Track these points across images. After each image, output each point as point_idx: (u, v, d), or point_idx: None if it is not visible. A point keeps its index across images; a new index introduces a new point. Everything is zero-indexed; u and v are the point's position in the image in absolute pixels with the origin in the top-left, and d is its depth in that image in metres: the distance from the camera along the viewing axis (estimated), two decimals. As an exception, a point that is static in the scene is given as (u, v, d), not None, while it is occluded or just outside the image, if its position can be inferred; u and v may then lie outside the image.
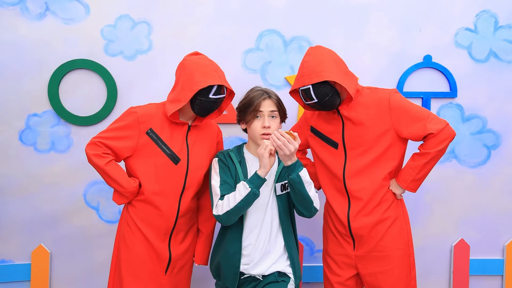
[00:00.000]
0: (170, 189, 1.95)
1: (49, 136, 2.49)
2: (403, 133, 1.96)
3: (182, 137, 1.98)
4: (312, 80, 1.86)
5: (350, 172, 1.99)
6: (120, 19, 2.49)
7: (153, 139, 1.94)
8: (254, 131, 1.93)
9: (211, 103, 1.90)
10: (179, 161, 1.95)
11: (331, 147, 2.04)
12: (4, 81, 2.44)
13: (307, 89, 1.89)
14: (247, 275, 1.91)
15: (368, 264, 2.00)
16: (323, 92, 1.89)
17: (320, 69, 1.88)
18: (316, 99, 1.89)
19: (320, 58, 1.91)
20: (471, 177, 2.60)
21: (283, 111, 1.99)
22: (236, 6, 2.53)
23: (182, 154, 1.96)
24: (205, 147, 2.04)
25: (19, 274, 2.51)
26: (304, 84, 1.89)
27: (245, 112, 1.94)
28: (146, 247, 1.95)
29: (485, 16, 2.55)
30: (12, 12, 2.44)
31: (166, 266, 1.98)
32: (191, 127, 2.00)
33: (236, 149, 2.02)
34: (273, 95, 1.96)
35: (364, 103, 1.98)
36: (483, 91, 2.57)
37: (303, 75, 1.90)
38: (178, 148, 1.96)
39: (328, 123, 2.05)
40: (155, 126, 1.94)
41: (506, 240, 2.63)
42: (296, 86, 1.95)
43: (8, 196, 2.47)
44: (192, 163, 1.97)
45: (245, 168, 1.95)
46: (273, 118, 1.94)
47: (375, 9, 2.55)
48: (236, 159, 1.96)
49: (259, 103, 1.91)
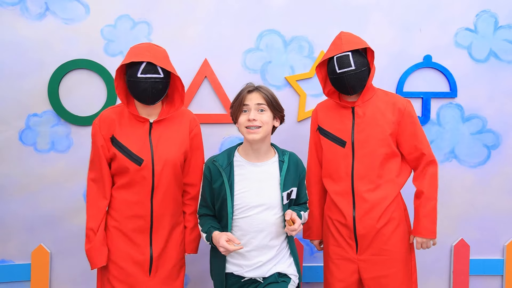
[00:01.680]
0: (139, 193, 1.90)
1: (49, 136, 2.49)
2: (401, 142, 2.03)
3: (143, 136, 1.91)
4: (352, 47, 1.92)
5: (359, 173, 1.99)
6: (120, 19, 2.49)
7: (116, 145, 1.90)
8: (240, 125, 1.87)
9: (141, 83, 1.81)
10: (142, 161, 1.88)
11: (338, 146, 2.03)
12: (4, 81, 2.44)
13: (346, 56, 1.92)
14: (247, 278, 1.89)
15: (371, 268, 1.99)
16: (361, 61, 1.94)
17: (360, 40, 1.98)
18: (354, 66, 1.91)
19: (356, 36, 2.01)
20: (471, 177, 2.60)
21: (276, 106, 1.89)
22: (236, 6, 2.53)
23: (144, 153, 1.89)
24: (176, 143, 1.95)
25: (19, 274, 2.51)
26: (343, 50, 1.92)
27: (234, 109, 1.91)
28: (127, 249, 1.92)
29: (485, 16, 2.55)
30: (12, 12, 2.43)
31: (148, 267, 1.93)
32: (154, 123, 1.93)
33: (225, 153, 1.95)
34: (263, 88, 1.89)
35: (380, 102, 2.02)
36: (483, 91, 2.57)
37: (341, 43, 1.95)
38: (139, 147, 1.89)
39: (337, 121, 2.05)
40: (116, 130, 1.91)
41: (506, 240, 2.63)
42: (330, 54, 1.96)
43: (8, 196, 2.47)
44: (158, 161, 1.90)
45: (231, 173, 1.88)
46: (262, 112, 1.85)
47: (375, 9, 2.55)
48: (222, 165, 1.89)
49: (244, 97, 1.86)
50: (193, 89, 2.52)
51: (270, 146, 1.95)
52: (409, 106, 2.03)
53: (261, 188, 1.87)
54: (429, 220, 1.99)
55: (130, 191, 1.91)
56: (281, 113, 1.93)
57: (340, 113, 2.05)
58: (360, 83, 1.96)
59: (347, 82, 1.94)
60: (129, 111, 1.91)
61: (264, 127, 1.84)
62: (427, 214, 1.99)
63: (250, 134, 1.83)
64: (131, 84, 1.84)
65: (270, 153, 1.94)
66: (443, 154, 2.59)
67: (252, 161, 1.91)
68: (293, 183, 1.92)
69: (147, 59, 1.81)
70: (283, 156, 1.93)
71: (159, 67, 1.84)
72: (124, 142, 1.89)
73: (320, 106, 2.19)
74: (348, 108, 2.03)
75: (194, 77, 2.51)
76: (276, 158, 1.93)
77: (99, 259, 1.89)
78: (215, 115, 2.54)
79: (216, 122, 2.54)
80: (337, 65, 1.94)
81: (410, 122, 2.02)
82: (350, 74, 1.92)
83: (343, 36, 1.98)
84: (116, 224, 1.94)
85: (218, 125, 2.54)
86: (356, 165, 1.99)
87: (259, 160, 1.91)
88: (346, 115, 2.03)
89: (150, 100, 1.87)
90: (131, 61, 1.81)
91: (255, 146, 1.89)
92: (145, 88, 1.82)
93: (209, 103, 2.55)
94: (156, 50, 1.86)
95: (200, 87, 2.53)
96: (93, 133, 1.93)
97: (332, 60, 1.97)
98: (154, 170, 1.90)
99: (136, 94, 1.86)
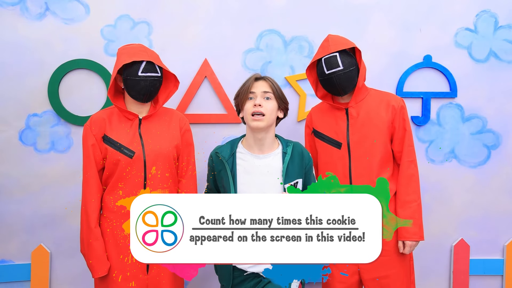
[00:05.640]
0: (132, 189, 1.92)
1: (49, 136, 2.49)
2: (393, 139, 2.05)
3: (133, 130, 1.96)
4: (338, 47, 1.93)
5: (357, 173, 1.99)
6: (120, 19, 2.49)
7: (108, 142, 1.94)
8: (246, 113, 1.87)
9: (141, 81, 1.89)
10: (134, 154, 1.92)
11: (334, 148, 2.04)
12: (4, 81, 2.43)
13: (333, 57, 1.93)
14: (249, 272, 1.89)
15: (371, 269, 1.99)
16: (349, 61, 1.94)
17: (347, 41, 1.99)
18: (342, 66, 1.92)
19: (343, 37, 2.03)
20: (471, 177, 2.60)
21: (281, 96, 1.91)
22: (236, 6, 2.53)
23: (135, 146, 1.93)
24: (166, 136, 2.00)
25: (19, 274, 2.51)
26: (330, 51, 1.93)
27: (240, 97, 1.91)
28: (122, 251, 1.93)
29: (485, 16, 2.55)
30: (12, 12, 2.43)
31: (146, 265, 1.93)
32: (143, 119, 1.98)
33: (228, 144, 1.95)
34: (269, 78, 1.92)
35: (373, 102, 2.03)
36: (483, 91, 2.57)
37: (328, 45, 1.96)
38: (129, 141, 1.94)
39: (332, 123, 2.05)
40: (106, 128, 1.95)
41: (506, 240, 2.63)
42: (318, 56, 1.98)
43: (8, 196, 2.47)
44: (149, 154, 1.94)
45: (234, 164, 1.88)
46: (267, 100, 1.86)
47: (375, 9, 2.55)
48: (225, 156, 1.89)
49: (250, 85, 1.88)
50: (193, 89, 2.52)
51: (274, 137, 1.95)
52: (402, 104, 2.05)
53: (263, 183, 1.87)
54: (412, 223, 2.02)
55: (123, 189, 1.93)
56: (285, 104, 1.94)
57: (335, 115, 2.05)
58: (350, 83, 1.96)
59: (336, 83, 1.95)
60: (118, 107, 1.96)
61: (268, 115, 1.85)
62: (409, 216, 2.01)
63: (254, 121, 1.84)
64: (130, 83, 1.90)
65: (274, 145, 1.93)
66: (443, 154, 2.59)
67: (255, 153, 1.90)
68: (298, 174, 1.90)
69: (146, 58, 1.89)
70: (286, 148, 1.91)
71: (157, 66, 1.93)
72: (115, 137, 1.94)
73: (314, 109, 2.20)
74: (341, 109, 2.04)
75: (194, 77, 2.51)
76: (280, 150, 1.92)
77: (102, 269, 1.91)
78: (215, 115, 2.54)
79: (216, 122, 2.54)
80: (325, 66, 1.95)
81: (403, 120, 2.03)
82: (339, 74, 1.93)
83: (330, 38, 2.00)
84: (112, 226, 1.95)
85: (218, 125, 2.54)
86: (354, 166, 2.00)
87: (262, 152, 1.90)
88: (340, 116, 2.04)
89: (148, 97, 1.95)
90: (133, 60, 1.87)
91: (259, 136, 1.88)
92: (144, 86, 1.90)
93: (209, 103, 2.54)
94: (151, 51, 1.98)
95: (200, 87, 2.53)
96: (84, 134, 1.97)
97: (320, 62, 1.98)
98: (145, 162, 1.93)
99: (135, 92, 1.92)
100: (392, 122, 2.02)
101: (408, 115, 2.19)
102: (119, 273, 1.92)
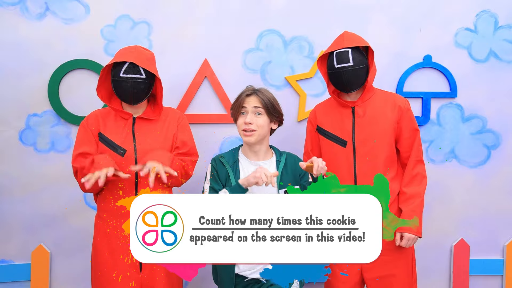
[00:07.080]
0: (124, 188, 1.93)
1: (49, 136, 2.49)
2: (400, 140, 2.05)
3: (127, 129, 1.98)
4: (351, 44, 1.95)
5: (362, 172, 1.99)
6: (120, 19, 2.49)
7: (102, 140, 1.96)
8: (239, 128, 1.94)
9: (122, 82, 1.90)
10: (125, 151, 1.93)
11: (339, 146, 2.04)
12: (4, 81, 2.44)
13: (345, 52, 1.95)
14: (249, 278, 1.89)
15: (372, 268, 1.99)
16: (360, 59, 1.96)
17: (361, 39, 2.00)
18: (352, 62, 1.93)
19: (359, 36, 2.04)
20: (471, 177, 2.60)
21: (272, 110, 1.91)
22: (236, 6, 2.53)
23: (127, 144, 1.94)
24: (160, 136, 2.00)
25: (19, 274, 2.51)
26: (343, 46, 1.95)
27: (233, 111, 1.97)
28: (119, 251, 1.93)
29: (485, 16, 2.55)
30: (12, 12, 2.44)
31: (139, 264, 1.93)
32: (138, 118, 2.00)
33: (230, 152, 1.99)
34: (261, 93, 1.92)
35: (379, 102, 2.04)
36: (483, 91, 2.57)
37: (342, 40, 1.98)
38: (122, 139, 1.95)
39: (337, 121, 2.06)
40: (101, 127, 1.98)
41: (506, 240, 2.63)
42: (332, 49, 1.99)
43: (8, 196, 2.47)
44: (141, 152, 1.93)
45: (237, 171, 1.92)
46: (258, 115, 1.90)
47: (375, 9, 2.55)
48: (228, 163, 1.93)
49: (243, 99, 1.92)
50: (193, 89, 2.52)
51: (268, 147, 1.99)
52: (408, 105, 2.07)
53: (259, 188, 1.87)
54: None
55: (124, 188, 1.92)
56: (278, 117, 1.96)
57: (340, 112, 2.05)
58: (357, 81, 1.97)
59: (344, 78, 1.96)
60: (112, 108, 1.98)
61: (259, 131, 1.89)
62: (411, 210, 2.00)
63: (245, 137, 1.91)
64: (114, 84, 1.93)
65: (268, 154, 1.98)
66: (443, 154, 2.59)
67: (252, 160, 1.95)
68: (292, 182, 1.93)
69: (130, 59, 1.89)
70: (280, 157, 1.97)
71: (142, 68, 1.91)
72: (109, 136, 1.96)
73: (318, 106, 2.19)
74: (348, 107, 2.04)
75: (194, 77, 2.51)
76: (274, 158, 1.97)
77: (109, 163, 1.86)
78: (215, 115, 2.54)
79: (216, 122, 2.54)
80: (336, 60, 1.96)
81: (410, 120, 2.04)
82: (347, 69, 1.94)
83: (346, 34, 2.03)
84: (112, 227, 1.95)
85: (218, 125, 2.54)
86: (358, 164, 2.00)
87: (259, 159, 1.96)
88: (346, 114, 2.04)
89: (133, 99, 1.95)
90: (115, 61, 1.90)
91: (253, 148, 1.94)
92: (126, 88, 1.91)
93: (209, 103, 2.55)
94: (140, 52, 1.95)
95: (200, 87, 2.53)
96: (80, 128, 2.00)
97: (332, 56, 1.99)
98: (137, 161, 1.93)
99: (119, 93, 1.94)
100: (398, 122, 2.02)
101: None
102: (119, 273, 1.92)
